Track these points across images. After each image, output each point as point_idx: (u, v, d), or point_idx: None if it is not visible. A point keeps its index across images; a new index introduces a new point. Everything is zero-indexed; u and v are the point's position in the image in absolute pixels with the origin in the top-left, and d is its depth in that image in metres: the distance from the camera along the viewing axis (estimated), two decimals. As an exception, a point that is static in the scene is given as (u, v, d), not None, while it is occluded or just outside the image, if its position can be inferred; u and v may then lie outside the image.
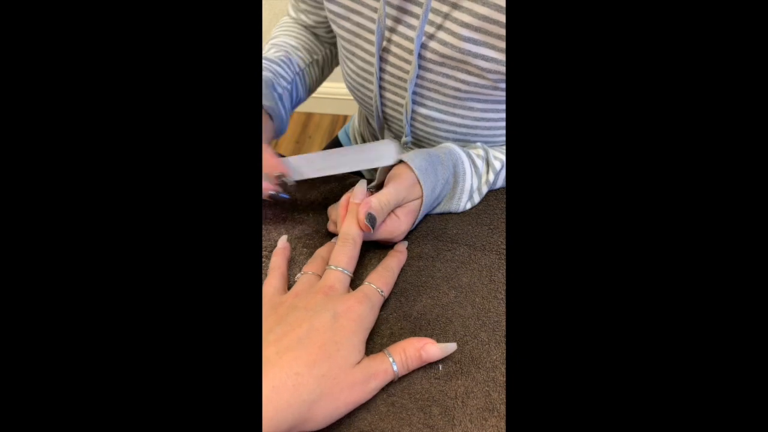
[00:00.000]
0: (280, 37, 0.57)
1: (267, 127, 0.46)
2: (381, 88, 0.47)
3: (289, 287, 0.37)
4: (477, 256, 0.41)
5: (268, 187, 0.39)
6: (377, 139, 0.60)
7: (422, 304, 0.38)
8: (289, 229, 0.43)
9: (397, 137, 0.52)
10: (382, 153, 0.39)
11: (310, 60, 0.57)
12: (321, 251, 0.39)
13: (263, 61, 0.53)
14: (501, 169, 0.44)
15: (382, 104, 0.49)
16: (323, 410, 0.28)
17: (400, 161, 0.39)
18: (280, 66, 0.53)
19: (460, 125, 0.45)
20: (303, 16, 0.57)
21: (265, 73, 0.50)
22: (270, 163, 0.39)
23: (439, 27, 0.39)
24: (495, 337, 0.36)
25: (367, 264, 0.40)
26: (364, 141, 0.71)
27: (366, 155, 0.40)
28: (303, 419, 0.28)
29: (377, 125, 0.51)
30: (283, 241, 0.41)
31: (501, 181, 0.46)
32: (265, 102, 0.46)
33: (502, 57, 0.38)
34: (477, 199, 0.44)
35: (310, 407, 0.28)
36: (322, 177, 0.42)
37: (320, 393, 0.28)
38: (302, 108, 0.96)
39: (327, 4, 0.46)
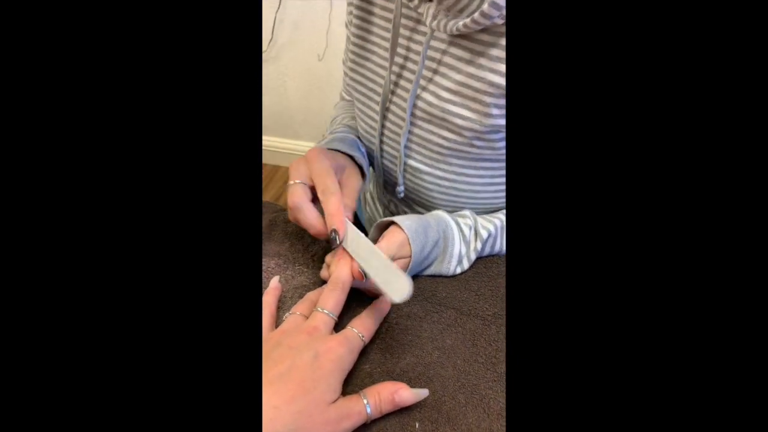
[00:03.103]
0: (345, 117, 0.65)
1: (356, 180, 0.48)
2: (381, 142, 0.55)
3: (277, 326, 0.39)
4: (463, 320, 0.43)
5: (319, 233, 0.41)
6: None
7: (406, 362, 0.39)
8: (289, 279, 0.46)
9: (392, 186, 0.59)
10: (394, 281, 0.37)
11: None
12: (311, 295, 0.41)
13: (344, 127, 0.60)
14: (488, 238, 0.47)
15: (382, 156, 0.56)
16: None
17: (393, 223, 0.43)
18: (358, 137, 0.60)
19: (443, 179, 0.51)
20: None
21: (349, 135, 0.57)
22: (336, 218, 0.40)
23: (424, 89, 0.47)
24: (472, 400, 0.36)
25: (352, 311, 0.42)
26: (372, 190, 0.75)
27: (385, 274, 0.38)
28: None
29: (376, 173, 0.60)
30: (274, 282, 0.44)
31: (488, 249, 0.48)
32: (356, 154, 0.52)
33: (475, 116, 0.44)
34: (466, 264, 0.47)
35: None
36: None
37: (295, 428, 0.29)
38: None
39: (346, 78, 0.57)
